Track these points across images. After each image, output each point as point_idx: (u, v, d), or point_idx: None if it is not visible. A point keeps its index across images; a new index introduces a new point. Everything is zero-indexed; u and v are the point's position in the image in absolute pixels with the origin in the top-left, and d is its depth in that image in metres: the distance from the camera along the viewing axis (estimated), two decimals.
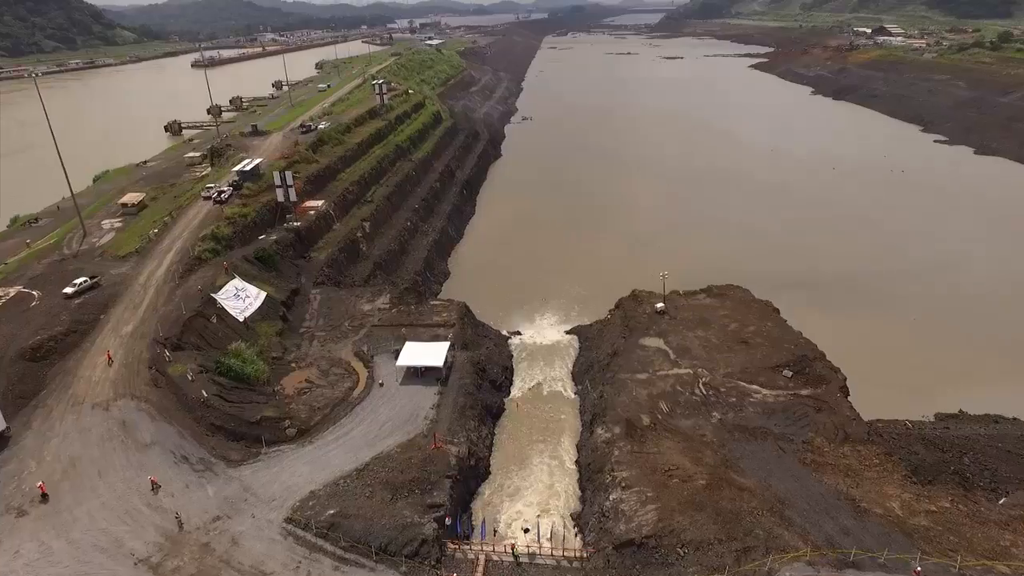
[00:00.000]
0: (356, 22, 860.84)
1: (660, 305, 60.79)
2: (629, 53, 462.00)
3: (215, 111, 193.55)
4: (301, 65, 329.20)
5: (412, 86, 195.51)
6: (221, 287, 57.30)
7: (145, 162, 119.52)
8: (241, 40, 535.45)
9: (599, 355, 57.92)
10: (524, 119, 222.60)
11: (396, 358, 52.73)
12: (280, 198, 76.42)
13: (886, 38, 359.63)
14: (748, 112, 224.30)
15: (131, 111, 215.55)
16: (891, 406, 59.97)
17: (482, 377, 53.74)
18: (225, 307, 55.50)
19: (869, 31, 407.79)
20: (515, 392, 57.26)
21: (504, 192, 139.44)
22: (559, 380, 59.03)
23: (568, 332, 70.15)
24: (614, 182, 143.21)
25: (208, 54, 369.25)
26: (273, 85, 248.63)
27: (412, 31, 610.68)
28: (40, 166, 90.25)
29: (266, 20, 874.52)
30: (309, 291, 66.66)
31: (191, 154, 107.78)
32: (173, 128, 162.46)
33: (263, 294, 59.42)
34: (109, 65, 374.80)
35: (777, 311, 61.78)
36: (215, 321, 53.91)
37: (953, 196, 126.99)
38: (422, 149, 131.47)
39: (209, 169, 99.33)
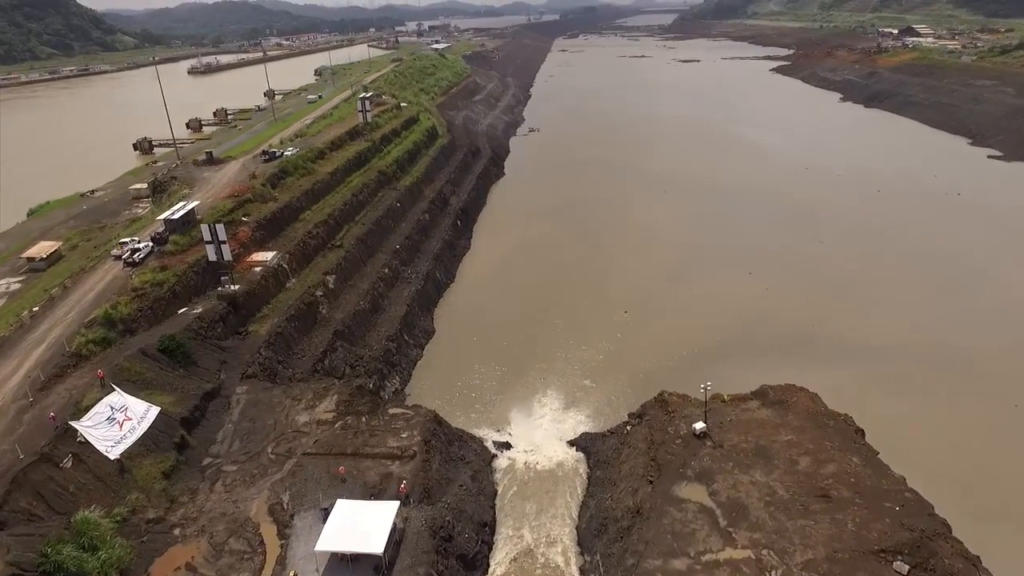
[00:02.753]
0: (365, 25, 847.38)
1: (700, 425, 43.96)
2: (643, 56, 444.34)
3: (195, 125, 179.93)
4: (302, 71, 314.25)
5: (409, 96, 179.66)
6: (88, 408, 41.33)
7: (93, 191, 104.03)
8: (244, 45, 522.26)
9: (615, 504, 41.34)
10: (531, 130, 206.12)
11: (324, 518, 36.65)
12: (212, 256, 60.39)
13: (915, 39, 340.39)
14: (775, 121, 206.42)
15: (108, 124, 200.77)
16: (1011, 553, 43.09)
17: (446, 553, 37.16)
18: (91, 439, 39.61)
19: (895, 32, 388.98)
20: (495, 567, 40.47)
21: (505, 220, 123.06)
22: (558, 543, 42.12)
23: (572, 444, 53.19)
24: (628, 206, 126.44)
25: (205, 60, 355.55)
26: (265, 95, 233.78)
27: (419, 34, 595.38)
28: None
29: (274, 23, 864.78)
30: (233, 390, 50.51)
31: (137, 185, 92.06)
32: (143, 146, 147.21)
33: (155, 410, 43.31)
34: (104, 72, 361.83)
35: (862, 433, 44.63)
36: (70, 466, 37.87)
37: None
38: (411, 174, 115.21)
39: (151, 207, 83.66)
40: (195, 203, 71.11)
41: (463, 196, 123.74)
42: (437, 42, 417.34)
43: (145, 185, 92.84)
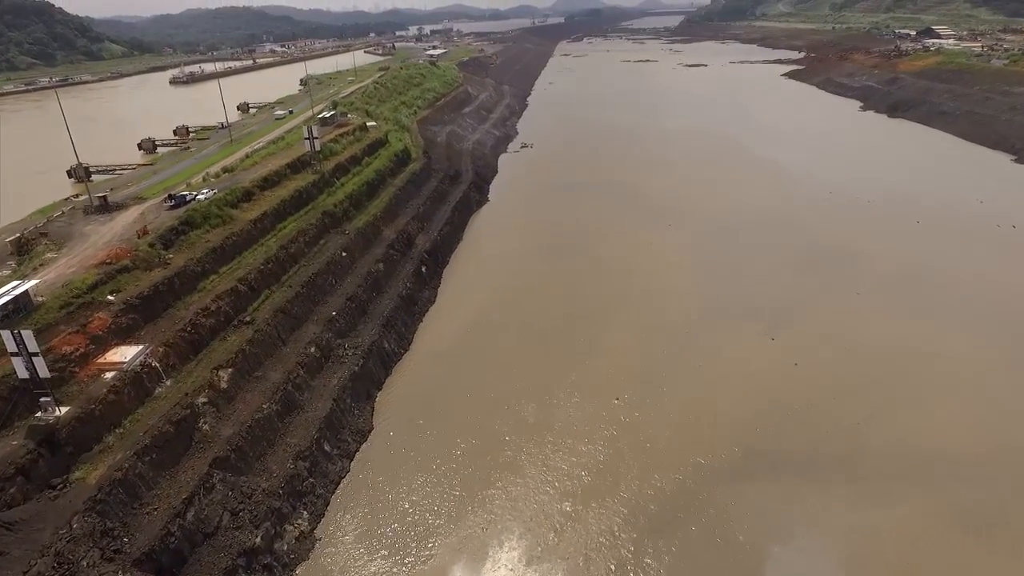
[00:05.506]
0: (367, 30, 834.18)
1: None
2: (648, 60, 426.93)
3: (147, 145, 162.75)
4: (291, 80, 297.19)
5: (386, 112, 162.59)
6: None
7: None
8: (236, 52, 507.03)
9: None
10: (523, 146, 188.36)
11: None
12: (21, 372, 42.82)
13: (935, 40, 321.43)
14: (790, 134, 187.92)
15: (61, 143, 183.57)
16: None
17: None
18: None
19: (913, 33, 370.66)
20: None
21: (480, 262, 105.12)
22: None
23: None
24: (626, 243, 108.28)
25: (188, 69, 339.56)
26: (239, 108, 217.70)
27: (418, 39, 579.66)
28: None
29: (275, 29, 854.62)
30: None
31: (12, 237, 74.28)
32: (78, 173, 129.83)
33: None
34: (85, 83, 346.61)
35: None
36: None
37: None
38: (367, 211, 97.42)
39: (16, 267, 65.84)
40: (32, 283, 53.22)
41: (433, 234, 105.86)
42: (434, 47, 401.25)
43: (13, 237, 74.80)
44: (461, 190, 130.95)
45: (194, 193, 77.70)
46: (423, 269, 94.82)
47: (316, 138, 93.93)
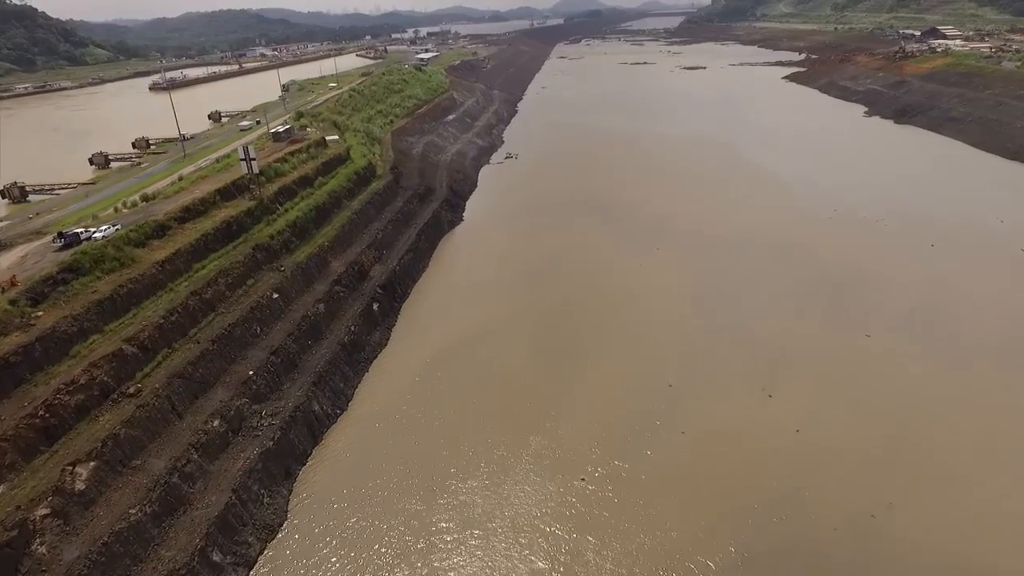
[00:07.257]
0: (363, 33, 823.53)
1: None
2: (645, 63, 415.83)
3: (100, 160, 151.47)
4: (276, 85, 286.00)
5: (357, 123, 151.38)
6: None
7: None
8: (225, 55, 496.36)
9: None
10: (507, 157, 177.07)
11: None
12: None
13: (941, 41, 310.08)
14: (790, 142, 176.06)
15: (15, 157, 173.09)
16: None
17: None
18: None
19: (918, 34, 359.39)
20: None
21: (447, 292, 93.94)
22: None
23: None
24: (609, 272, 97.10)
25: (169, 75, 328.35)
26: (210, 117, 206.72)
27: (412, 42, 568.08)
28: None
29: (271, 32, 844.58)
30: None
31: None
32: (12, 193, 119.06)
33: None
34: (63, 89, 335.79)
35: None
36: None
37: None
38: (312, 242, 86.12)
39: None
40: None
41: (392, 263, 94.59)
42: (427, 50, 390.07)
43: None
44: (431, 209, 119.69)
45: (91, 230, 66.34)
46: (375, 307, 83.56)
47: (253, 159, 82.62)
